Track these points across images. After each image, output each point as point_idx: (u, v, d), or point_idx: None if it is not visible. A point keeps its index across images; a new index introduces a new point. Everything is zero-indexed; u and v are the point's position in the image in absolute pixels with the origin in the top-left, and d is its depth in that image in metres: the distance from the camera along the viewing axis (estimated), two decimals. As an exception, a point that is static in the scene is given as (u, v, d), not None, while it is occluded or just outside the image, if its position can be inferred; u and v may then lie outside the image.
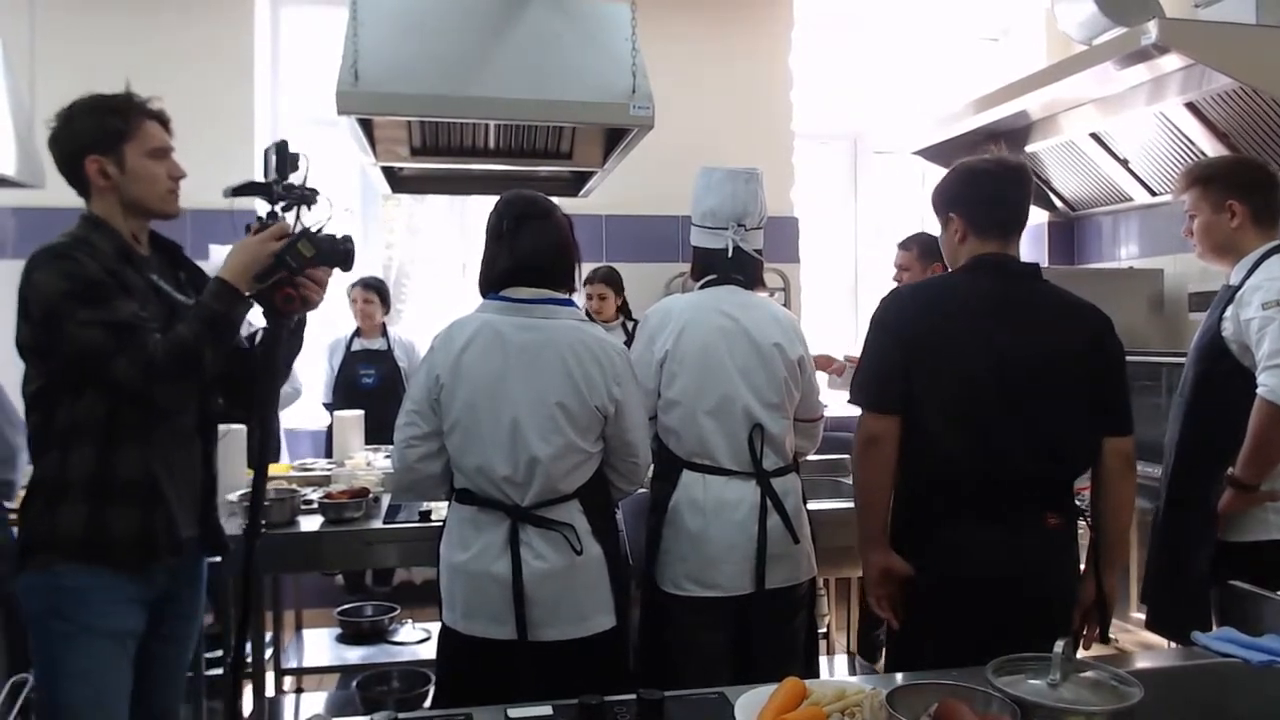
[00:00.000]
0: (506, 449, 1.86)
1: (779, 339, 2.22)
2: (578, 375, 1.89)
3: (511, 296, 1.94)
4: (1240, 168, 2.39)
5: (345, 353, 4.37)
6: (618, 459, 2.01)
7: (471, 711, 1.37)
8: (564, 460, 1.89)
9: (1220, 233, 2.28)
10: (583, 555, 1.89)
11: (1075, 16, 3.54)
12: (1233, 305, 2.18)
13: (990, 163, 1.96)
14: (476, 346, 1.89)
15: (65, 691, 1.72)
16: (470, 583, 1.89)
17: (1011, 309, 1.86)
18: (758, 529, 2.15)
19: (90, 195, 1.82)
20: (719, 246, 2.27)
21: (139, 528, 1.75)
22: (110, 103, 1.80)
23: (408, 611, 3.60)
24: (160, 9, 4.33)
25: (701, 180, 2.32)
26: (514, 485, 1.88)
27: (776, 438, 2.23)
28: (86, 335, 1.66)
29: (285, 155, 1.86)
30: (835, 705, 1.30)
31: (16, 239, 4.11)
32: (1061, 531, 1.85)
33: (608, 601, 1.94)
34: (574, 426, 1.89)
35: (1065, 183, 4.37)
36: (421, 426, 1.93)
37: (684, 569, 2.16)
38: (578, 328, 1.94)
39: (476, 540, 1.89)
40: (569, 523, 1.89)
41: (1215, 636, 1.61)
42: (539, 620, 1.86)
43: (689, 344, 2.19)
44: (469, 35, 2.51)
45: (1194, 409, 2.26)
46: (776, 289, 4.83)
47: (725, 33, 4.87)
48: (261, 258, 1.79)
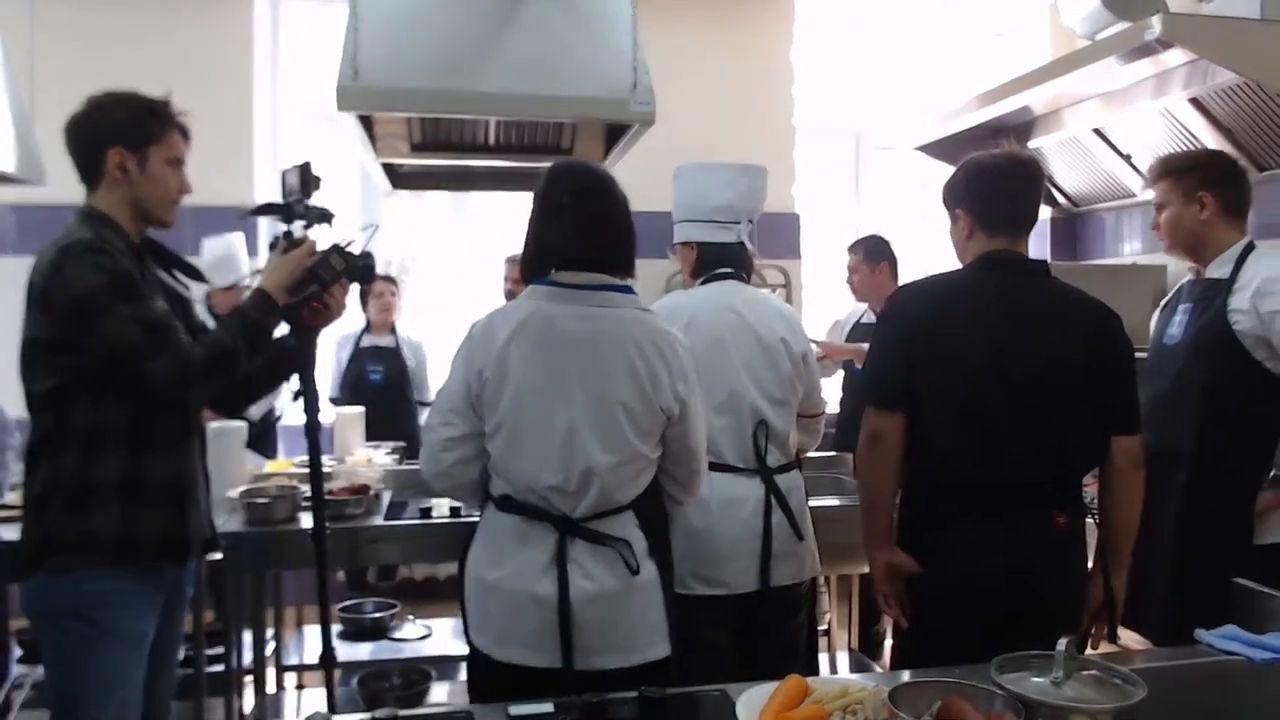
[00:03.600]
0: (559, 456, 1.66)
1: (785, 334, 2.21)
2: (643, 372, 1.69)
3: (566, 281, 1.72)
4: (1212, 160, 2.36)
5: (354, 348, 4.37)
6: (677, 466, 1.80)
7: (473, 710, 1.37)
8: (623, 469, 1.69)
9: (1189, 225, 2.25)
10: (639, 576, 1.69)
11: (1079, 11, 3.51)
12: (1238, 297, 2.14)
13: (999, 158, 1.94)
14: (526, 338, 1.68)
15: (86, 695, 1.72)
16: (508, 603, 1.68)
17: (1017, 307, 1.85)
18: (763, 526, 2.14)
19: (98, 187, 1.81)
20: (730, 241, 2.27)
21: (171, 529, 1.78)
22: (149, 104, 1.82)
23: (409, 608, 3.60)
24: (159, 6, 4.32)
25: (700, 176, 2.30)
26: (564, 495, 1.67)
27: (781, 434, 2.22)
28: (124, 332, 1.66)
29: (308, 176, 1.96)
30: (837, 703, 1.30)
31: (16, 236, 4.11)
32: (1069, 531, 1.84)
33: (662, 627, 1.73)
34: (636, 430, 1.69)
35: (1068, 178, 4.35)
36: (459, 427, 1.71)
37: (689, 567, 2.12)
38: (640, 318, 1.75)
39: (517, 554, 1.68)
40: (624, 538, 1.69)
41: (1219, 635, 1.61)
42: (586, 647, 1.65)
43: (697, 340, 2.13)
44: (469, 30, 2.49)
45: (1212, 409, 2.17)
46: (778, 285, 4.82)
47: (726, 27, 4.86)
48: (298, 272, 1.88)
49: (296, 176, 1.96)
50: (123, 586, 1.73)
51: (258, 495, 2.66)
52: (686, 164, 2.34)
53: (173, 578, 1.84)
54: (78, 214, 1.80)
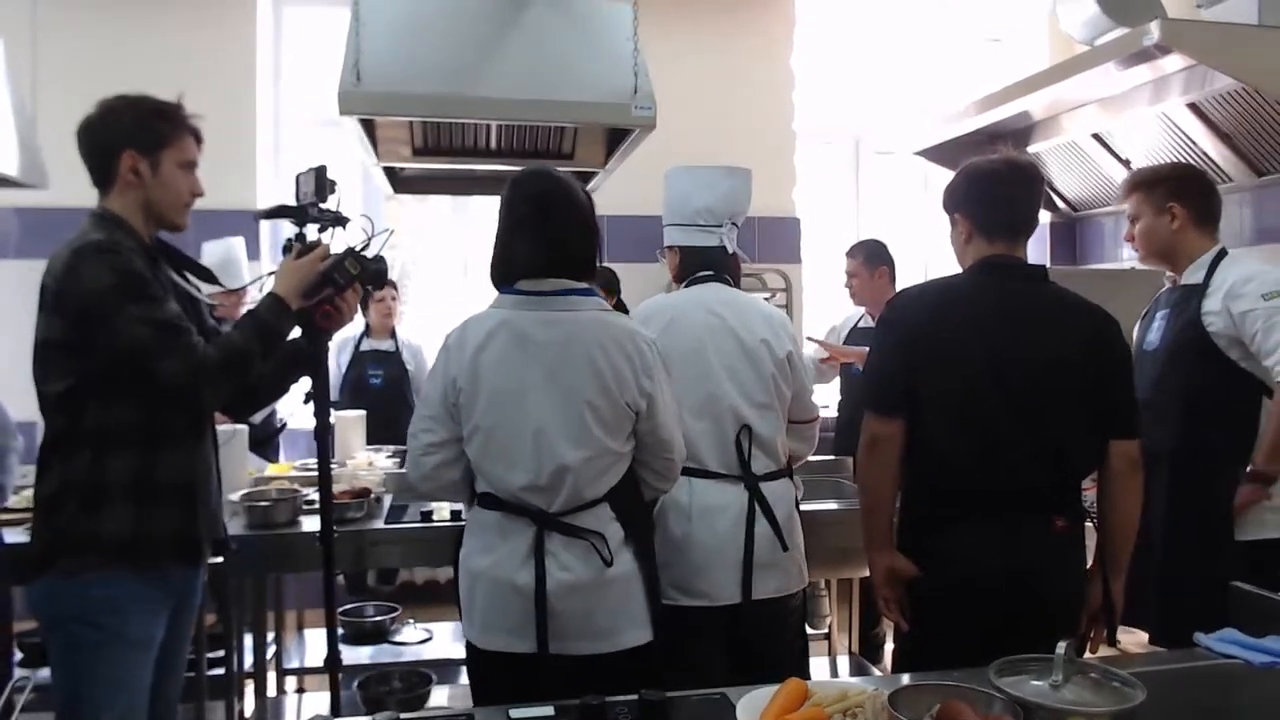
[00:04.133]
0: (531, 456, 1.74)
1: (766, 335, 2.17)
2: (606, 371, 1.76)
3: (529, 289, 1.79)
4: (1180, 173, 2.48)
5: (354, 352, 4.38)
6: (651, 456, 1.87)
7: (473, 712, 1.38)
8: (594, 464, 1.77)
9: (1162, 235, 2.37)
10: (613, 567, 1.76)
11: (1077, 17, 3.53)
12: (1211, 300, 2.24)
13: (998, 163, 1.95)
14: (495, 346, 1.76)
15: (94, 700, 1.72)
16: (490, 590, 1.78)
17: (1015, 311, 1.86)
18: (745, 536, 2.10)
19: (111, 190, 1.82)
20: (713, 244, 2.26)
21: (183, 530, 1.78)
22: (162, 107, 1.83)
23: (410, 612, 3.60)
24: (162, 10, 4.33)
25: (684, 179, 2.30)
26: (538, 492, 1.76)
27: (766, 439, 2.17)
28: (136, 333, 1.66)
29: (324, 180, 1.96)
30: (837, 706, 1.30)
31: (19, 239, 4.12)
32: (1068, 534, 1.84)
33: (642, 615, 1.80)
34: (603, 427, 1.76)
35: (1067, 183, 4.36)
36: (439, 433, 1.80)
37: (668, 576, 2.06)
38: (603, 319, 1.81)
39: (500, 547, 1.78)
40: (599, 531, 1.77)
41: (1218, 638, 1.61)
42: (562, 633, 1.74)
43: (675, 342, 2.11)
44: (471, 35, 2.50)
45: (1193, 410, 2.26)
46: (778, 289, 4.83)
47: (727, 33, 4.87)
48: (311, 276, 1.88)
49: (311, 180, 1.95)
50: (131, 590, 1.73)
51: (258, 499, 2.67)
52: (673, 168, 2.34)
53: (181, 582, 1.84)
54: (90, 216, 1.80)
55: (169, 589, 1.81)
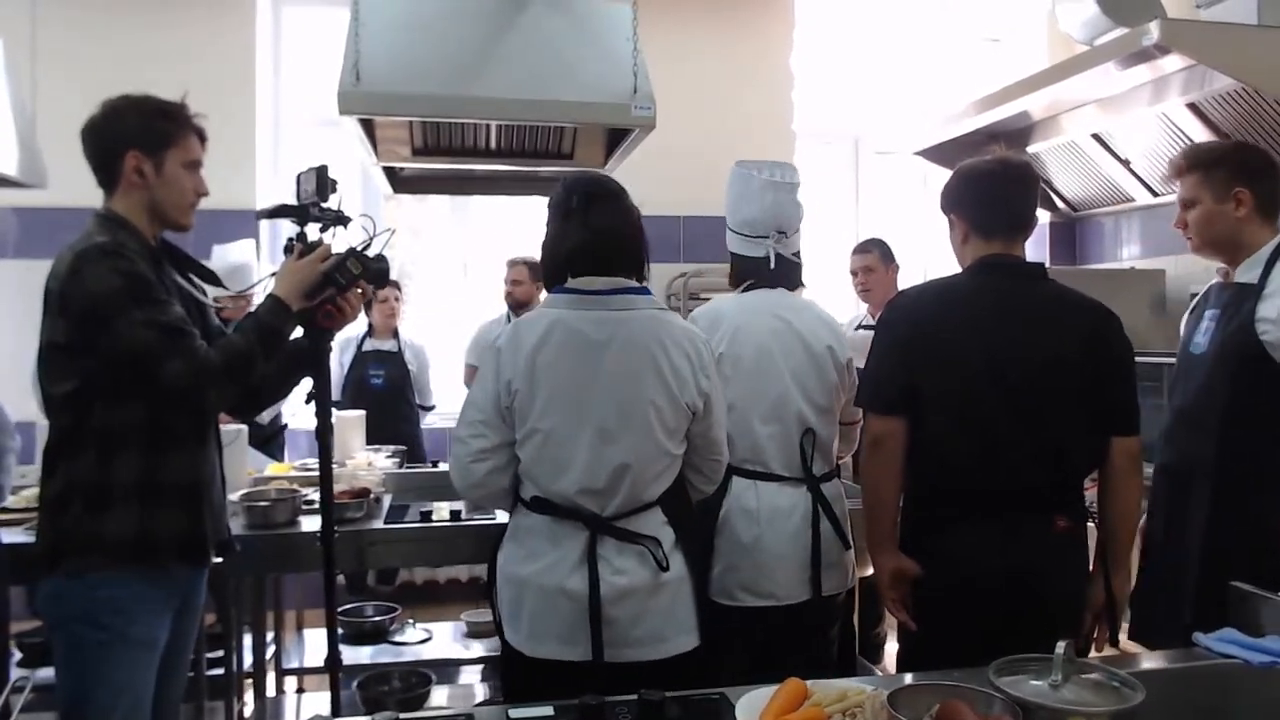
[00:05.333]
0: (590, 457, 1.70)
1: (831, 341, 2.20)
2: (668, 371, 1.73)
3: (583, 289, 1.75)
4: (1246, 153, 2.15)
5: (356, 352, 4.38)
6: (701, 458, 1.85)
7: (473, 712, 1.37)
8: (652, 466, 1.74)
9: (1225, 223, 2.06)
10: (668, 571, 1.74)
11: (1077, 17, 3.53)
12: (1266, 306, 1.98)
13: (992, 163, 1.95)
14: (551, 347, 1.72)
15: (99, 702, 1.72)
16: (540, 598, 1.72)
17: (1014, 310, 1.86)
18: (811, 536, 2.12)
19: (115, 191, 1.82)
20: (759, 255, 2.23)
21: (189, 530, 1.78)
22: (166, 107, 1.83)
23: (409, 612, 3.60)
24: (161, 9, 4.33)
25: (738, 184, 2.26)
26: (594, 495, 1.72)
27: (825, 441, 2.21)
28: (140, 335, 1.66)
29: (325, 180, 1.95)
30: (836, 706, 1.30)
31: (18, 239, 4.12)
32: (1069, 534, 1.84)
33: (690, 620, 1.78)
34: (664, 428, 1.74)
35: (1067, 183, 4.36)
36: (491, 439, 1.74)
37: (736, 579, 2.11)
38: (660, 318, 1.78)
39: (549, 553, 1.72)
40: (653, 535, 1.74)
41: (1217, 638, 1.60)
42: (615, 640, 1.70)
43: (744, 347, 2.14)
44: (471, 35, 2.51)
45: (1239, 420, 2.03)
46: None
47: (726, 33, 4.87)
48: (313, 277, 1.87)
49: (313, 180, 1.95)
50: (136, 591, 1.73)
51: (258, 499, 2.66)
52: (735, 166, 2.29)
53: (185, 583, 1.85)
54: (95, 217, 1.80)
55: (173, 590, 1.82)
